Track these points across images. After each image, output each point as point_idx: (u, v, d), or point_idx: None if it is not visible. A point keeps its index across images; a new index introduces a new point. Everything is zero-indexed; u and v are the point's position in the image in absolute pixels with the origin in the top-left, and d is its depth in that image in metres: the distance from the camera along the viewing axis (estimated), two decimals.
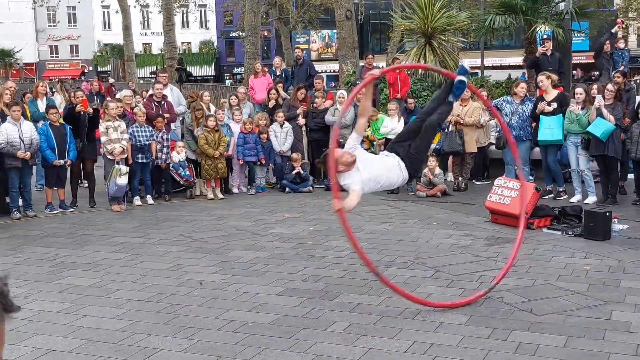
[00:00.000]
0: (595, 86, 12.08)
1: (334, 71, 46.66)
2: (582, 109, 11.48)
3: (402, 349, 5.48)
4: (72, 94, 13.54)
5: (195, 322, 6.21)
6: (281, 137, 13.93)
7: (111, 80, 38.28)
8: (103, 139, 11.98)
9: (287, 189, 13.60)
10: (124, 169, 11.84)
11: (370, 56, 17.19)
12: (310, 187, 13.69)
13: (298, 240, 9.47)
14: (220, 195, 13.07)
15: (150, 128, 12.67)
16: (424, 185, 12.83)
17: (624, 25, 17.28)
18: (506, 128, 8.10)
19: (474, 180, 13.98)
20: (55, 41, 65.71)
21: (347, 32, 22.79)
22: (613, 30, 17.21)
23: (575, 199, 11.68)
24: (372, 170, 6.72)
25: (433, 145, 13.84)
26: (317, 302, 6.71)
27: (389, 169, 6.86)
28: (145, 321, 6.26)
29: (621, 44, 17.09)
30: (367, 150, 13.08)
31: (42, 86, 14.29)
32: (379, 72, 7.15)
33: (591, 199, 11.50)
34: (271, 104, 14.98)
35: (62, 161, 11.73)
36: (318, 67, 27.18)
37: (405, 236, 9.60)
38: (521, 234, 7.24)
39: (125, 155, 12.08)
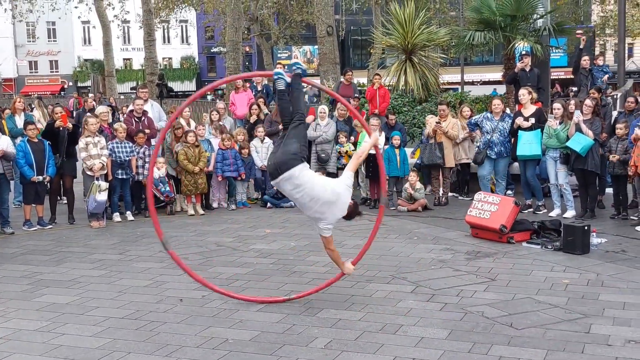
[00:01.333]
0: (572, 101, 12.20)
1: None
2: (560, 123, 11.58)
3: None
4: (52, 110, 13.44)
5: (175, 339, 6.17)
6: (262, 152, 13.91)
7: (91, 95, 38.16)
8: (82, 154, 11.90)
9: (268, 204, 13.57)
10: (104, 185, 11.77)
11: (349, 73, 17.25)
12: (292, 203, 13.65)
13: (279, 256, 9.45)
14: (200, 211, 13.02)
15: (131, 144, 12.61)
16: (405, 200, 12.86)
17: (584, 37, 17.45)
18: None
19: (458, 196, 14.00)
20: (34, 56, 65.37)
21: (328, 47, 22.88)
22: (581, 46, 17.41)
23: (554, 213, 11.75)
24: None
25: (413, 160, 13.91)
26: (298, 317, 6.69)
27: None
28: (124, 339, 6.21)
29: (600, 61, 17.29)
30: (346, 165, 13.13)
31: (19, 102, 14.17)
32: None
33: (570, 213, 11.57)
34: (252, 119, 14.98)
35: (40, 177, 11.64)
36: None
37: (386, 251, 9.60)
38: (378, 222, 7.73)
39: (105, 171, 12.01)
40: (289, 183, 6.86)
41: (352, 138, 14.05)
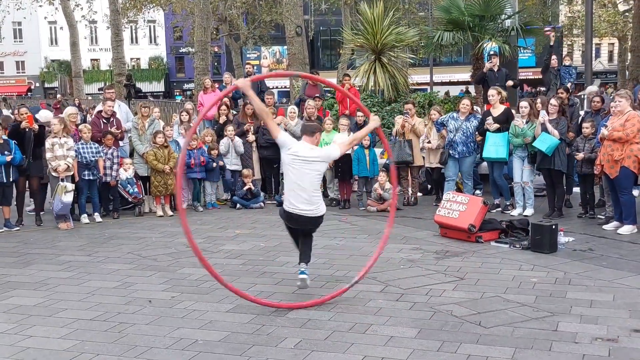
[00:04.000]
0: (539, 100, 12.32)
1: (285, 87, 46.78)
2: (527, 122, 11.69)
3: None
4: (17, 111, 13.23)
5: (143, 340, 6.13)
6: (232, 152, 13.87)
7: (59, 96, 37.80)
8: (48, 155, 11.77)
9: (237, 205, 13.53)
10: (70, 186, 11.64)
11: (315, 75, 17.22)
12: (262, 203, 13.65)
13: (249, 256, 9.43)
14: (169, 212, 12.94)
15: (97, 145, 12.50)
16: (374, 200, 12.90)
17: (554, 34, 17.59)
18: (386, 143, 8.52)
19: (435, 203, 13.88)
20: (0, 57, 64.52)
21: (298, 48, 22.89)
22: (551, 43, 17.61)
23: (516, 212, 11.87)
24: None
25: (383, 161, 13.95)
26: (267, 318, 6.68)
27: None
28: (92, 340, 6.15)
29: (567, 62, 17.51)
30: None
31: None
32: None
33: (529, 212, 11.71)
34: (222, 119, 14.93)
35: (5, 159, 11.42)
36: (269, 82, 27.21)
37: (356, 251, 9.62)
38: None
39: (71, 173, 11.88)
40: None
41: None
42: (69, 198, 11.60)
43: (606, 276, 7.97)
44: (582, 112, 14.42)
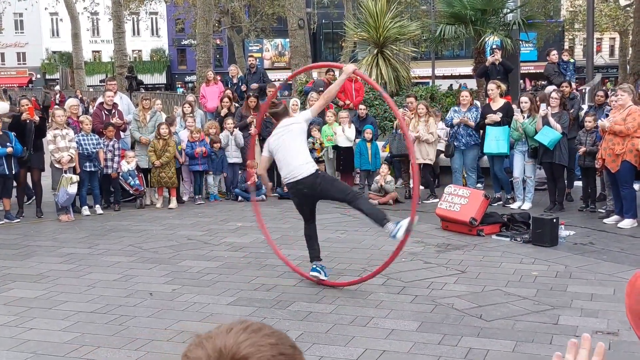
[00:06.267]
0: (537, 97, 12.29)
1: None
2: (528, 117, 11.67)
3: (354, 357, 5.49)
4: (18, 102, 13.22)
5: (144, 333, 6.13)
6: (231, 145, 13.85)
7: (57, 88, 37.82)
8: (50, 147, 11.76)
9: (239, 198, 13.51)
10: (75, 177, 11.63)
11: (331, 72, 17.13)
12: (264, 196, 13.62)
13: (250, 249, 9.43)
14: (173, 205, 12.86)
15: (97, 136, 12.48)
16: (375, 192, 12.88)
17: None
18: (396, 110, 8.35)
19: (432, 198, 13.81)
20: (1, 48, 64.43)
21: (300, 41, 22.86)
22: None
23: (516, 205, 11.88)
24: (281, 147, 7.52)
25: (384, 154, 13.93)
26: (269, 311, 6.69)
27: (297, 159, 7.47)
28: (93, 333, 6.16)
29: (565, 57, 17.44)
30: (318, 158, 13.10)
31: None
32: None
33: (527, 205, 11.72)
34: (224, 112, 14.90)
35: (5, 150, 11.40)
36: (271, 75, 27.19)
37: (357, 244, 9.62)
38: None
39: (74, 164, 11.87)
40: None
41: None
42: (73, 189, 11.57)
43: (607, 270, 7.98)
44: (584, 107, 14.36)
